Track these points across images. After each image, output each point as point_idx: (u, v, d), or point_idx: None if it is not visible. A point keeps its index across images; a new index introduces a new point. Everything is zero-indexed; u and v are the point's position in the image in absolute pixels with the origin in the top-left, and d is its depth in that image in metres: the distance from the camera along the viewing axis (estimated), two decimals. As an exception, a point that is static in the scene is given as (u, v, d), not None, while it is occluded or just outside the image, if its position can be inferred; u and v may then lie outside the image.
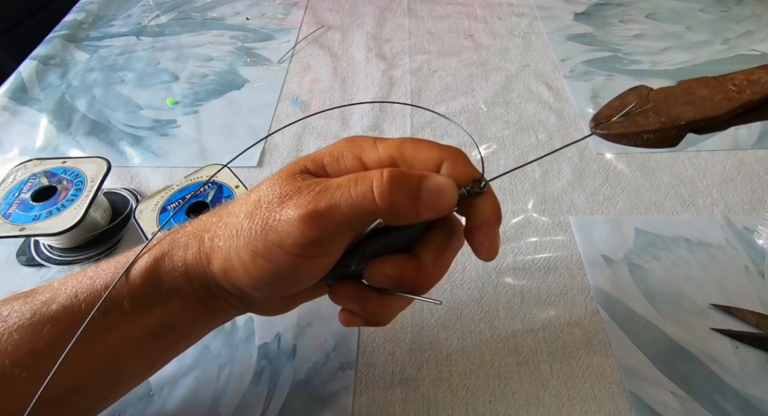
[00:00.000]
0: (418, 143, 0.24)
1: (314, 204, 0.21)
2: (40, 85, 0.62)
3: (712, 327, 0.36)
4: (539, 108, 0.55)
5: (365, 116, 0.55)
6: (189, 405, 0.34)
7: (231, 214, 0.24)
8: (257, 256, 0.22)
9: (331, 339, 0.37)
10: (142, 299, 0.24)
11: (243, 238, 0.22)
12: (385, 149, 0.24)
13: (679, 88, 0.24)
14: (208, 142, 0.53)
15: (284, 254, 0.22)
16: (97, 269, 0.25)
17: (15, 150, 0.54)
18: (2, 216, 0.40)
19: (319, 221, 0.21)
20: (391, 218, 0.22)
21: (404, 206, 0.22)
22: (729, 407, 0.33)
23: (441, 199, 0.22)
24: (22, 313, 0.23)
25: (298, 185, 0.22)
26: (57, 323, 0.23)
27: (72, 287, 0.24)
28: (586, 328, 0.37)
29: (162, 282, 0.24)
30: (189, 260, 0.24)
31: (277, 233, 0.21)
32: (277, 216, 0.22)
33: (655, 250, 0.41)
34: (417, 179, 0.22)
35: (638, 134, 0.23)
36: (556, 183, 0.47)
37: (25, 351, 0.23)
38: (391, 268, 0.24)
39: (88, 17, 0.74)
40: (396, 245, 0.25)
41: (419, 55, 0.63)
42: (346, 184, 0.22)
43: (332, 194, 0.21)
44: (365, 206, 0.21)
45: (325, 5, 0.74)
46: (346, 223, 0.22)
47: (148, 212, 0.40)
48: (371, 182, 0.21)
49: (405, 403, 0.34)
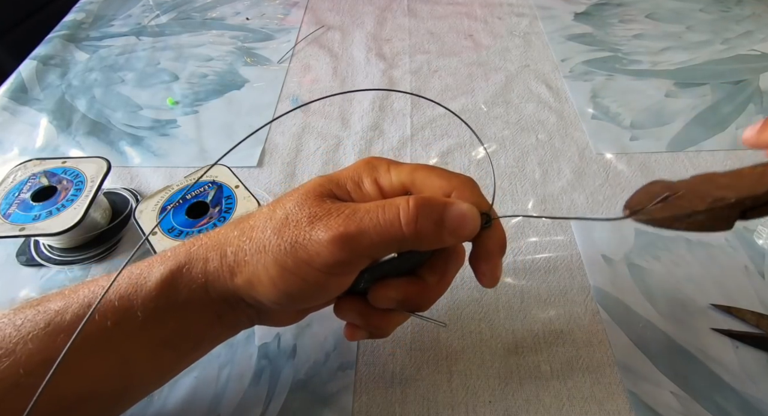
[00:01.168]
0: (430, 171, 0.25)
1: (345, 227, 0.22)
2: (40, 85, 0.62)
3: (712, 327, 0.36)
4: (539, 108, 0.55)
5: (365, 115, 0.55)
6: (189, 405, 0.34)
7: (255, 229, 0.24)
8: (286, 271, 0.23)
9: (331, 339, 0.37)
10: (157, 310, 0.24)
11: (271, 254, 0.23)
12: (397, 175, 0.25)
13: (702, 178, 0.24)
14: (208, 142, 0.53)
15: (313, 272, 0.23)
16: (109, 279, 0.25)
17: (15, 150, 0.54)
18: (2, 216, 0.40)
19: (348, 243, 0.22)
20: (415, 244, 0.23)
21: (429, 233, 0.23)
22: (729, 407, 0.33)
23: (464, 226, 0.23)
24: (35, 322, 0.24)
25: (327, 208, 0.23)
26: (70, 333, 0.23)
27: (84, 297, 0.25)
28: (586, 328, 0.37)
29: (178, 293, 0.25)
30: (210, 272, 0.25)
31: (307, 251, 0.22)
32: (307, 235, 0.23)
33: (655, 250, 0.41)
34: (441, 206, 0.23)
35: (689, 215, 0.22)
36: (556, 183, 0.47)
37: (39, 360, 0.23)
38: (395, 292, 0.25)
39: (88, 17, 0.74)
40: (403, 269, 0.26)
41: (419, 55, 0.63)
42: (374, 210, 0.23)
43: (361, 219, 0.22)
44: (393, 232, 0.22)
45: (325, 5, 0.74)
46: (372, 247, 0.23)
47: (148, 212, 0.40)
48: (398, 210, 0.22)
49: (405, 403, 0.34)
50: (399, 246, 0.23)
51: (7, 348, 0.23)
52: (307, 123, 0.55)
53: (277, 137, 0.53)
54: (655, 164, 0.48)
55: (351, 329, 0.29)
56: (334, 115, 0.56)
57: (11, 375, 0.23)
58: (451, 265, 0.26)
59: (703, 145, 0.50)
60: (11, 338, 0.23)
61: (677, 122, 0.53)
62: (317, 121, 0.55)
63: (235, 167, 0.43)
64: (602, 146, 0.50)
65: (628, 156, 0.49)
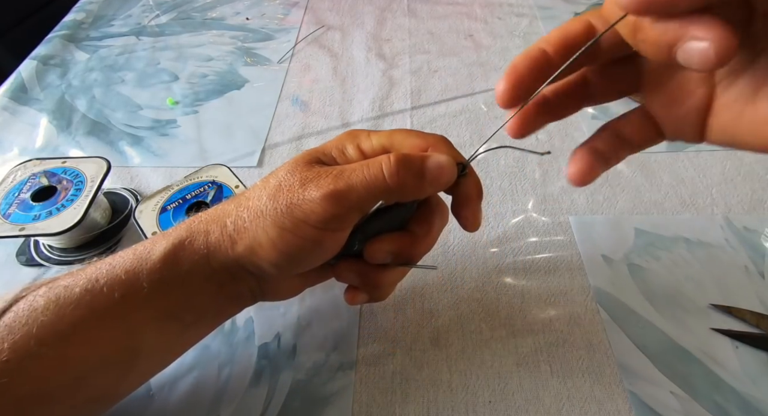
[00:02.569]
0: (406, 133, 0.28)
1: (334, 185, 0.24)
2: (40, 85, 0.62)
3: (712, 327, 0.36)
4: (539, 108, 0.55)
5: (365, 115, 0.55)
6: (189, 405, 0.34)
7: (251, 199, 0.26)
8: (285, 231, 0.25)
9: (331, 339, 0.37)
10: (161, 281, 0.26)
11: (269, 217, 0.25)
12: (377, 139, 0.28)
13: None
14: (208, 142, 0.53)
15: (309, 228, 0.25)
16: (115, 257, 0.27)
17: (15, 150, 0.54)
18: (2, 216, 0.40)
19: (338, 198, 0.24)
20: (399, 195, 0.26)
21: (410, 183, 0.25)
22: (729, 407, 0.33)
23: (442, 175, 0.26)
24: (48, 297, 0.25)
25: (317, 171, 0.26)
26: (79, 305, 0.25)
27: (92, 273, 0.26)
28: (586, 328, 0.37)
29: (181, 265, 0.26)
30: (211, 243, 0.26)
31: (302, 210, 0.25)
32: (300, 196, 0.25)
33: (655, 250, 0.41)
34: (419, 159, 0.26)
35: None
36: (556, 183, 0.47)
37: (50, 331, 0.24)
38: (389, 244, 0.28)
39: (88, 17, 0.74)
40: (392, 225, 0.28)
41: (419, 55, 0.63)
42: (359, 168, 0.25)
43: (349, 176, 0.25)
44: (377, 185, 0.25)
45: (325, 5, 0.74)
46: (361, 200, 0.25)
47: (148, 212, 0.40)
48: (381, 165, 0.25)
49: (405, 403, 0.34)
50: (384, 197, 0.25)
51: (20, 322, 0.24)
52: (307, 123, 0.55)
53: (277, 137, 0.53)
54: (654, 164, 0.48)
55: (351, 292, 0.31)
56: (334, 115, 0.56)
57: (24, 346, 0.24)
58: (436, 218, 0.29)
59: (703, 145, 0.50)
60: (24, 312, 0.25)
61: (677, 122, 0.52)
62: (317, 121, 0.55)
63: (235, 167, 0.43)
64: (602, 146, 0.50)
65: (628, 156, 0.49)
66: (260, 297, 0.30)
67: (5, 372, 0.23)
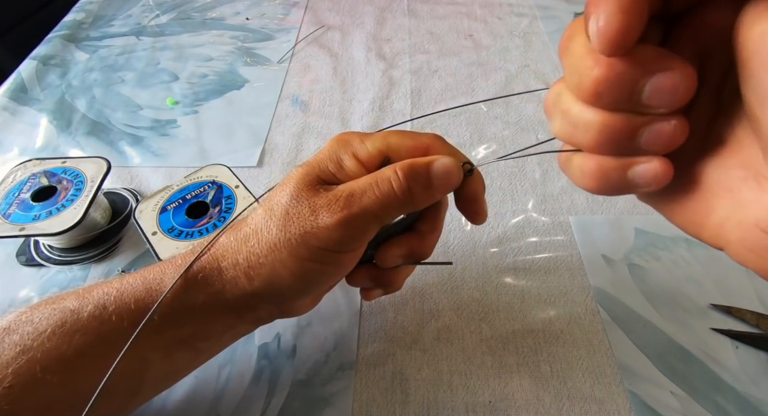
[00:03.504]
0: (400, 134, 0.27)
1: (348, 209, 0.24)
2: (40, 85, 0.62)
3: (712, 327, 0.36)
4: (539, 108, 0.55)
5: (365, 116, 0.55)
6: (189, 405, 0.34)
7: (259, 232, 0.25)
8: (303, 261, 0.24)
9: (331, 339, 0.37)
10: (173, 313, 0.25)
11: (285, 249, 0.24)
12: (372, 144, 0.26)
13: None
14: (208, 142, 0.53)
15: (328, 254, 0.25)
16: (123, 282, 0.27)
17: (15, 150, 0.54)
18: (2, 216, 0.40)
19: (354, 222, 0.24)
20: (413, 205, 0.25)
21: (421, 193, 0.25)
22: (729, 407, 0.33)
23: (450, 179, 0.25)
24: (53, 321, 0.25)
25: (324, 195, 0.25)
26: (87, 332, 0.25)
27: (99, 298, 0.26)
28: (586, 328, 0.37)
29: (194, 298, 0.26)
30: (227, 281, 0.26)
31: (318, 238, 0.24)
32: (314, 224, 0.24)
33: (655, 250, 0.41)
34: (425, 166, 0.25)
35: None
36: (556, 183, 0.47)
37: (55, 357, 0.24)
38: (399, 248, 0.28)
39: (88, 17, 0.74)
40: (400, 229, 0.28)
41: (419, 55, 0.63)
42: (369, 188, 0.24)
43: (360, 198, 0.24)
44: (390, 202, 0.24)
45: (325, 5, 0.74)
46: (377, 219, 0.25)
47: (148, 212, 0.40)
48: (390, 182, 0.24)
49: (405, 403, 0.34)
50: (399, 212, 0.25)
51: (25, 345, 0.24)
52: (307, 123, 0.55)
53: (277, 137, 0.53)
54: (655, 164, 0.48)
55: (366, 291, 0.31)
56: (334, 115, 0.56)
57: (29, 371, 0.23)
58: (440, 212, 0.29)
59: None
60: (29, 335, 0.24)
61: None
62: (317, 121, 0.55)
63: (235, 167, 0.43)
64: (602, 146, 0.50)
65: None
66: (280, 317, 0.30)
67: (7, 398, 0.23)
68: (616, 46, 0.14)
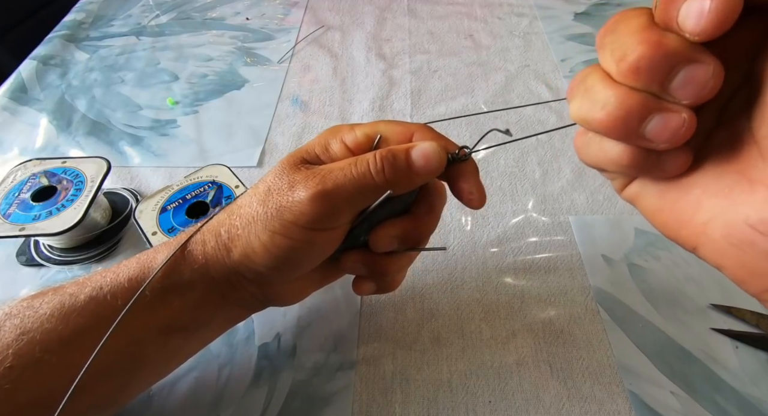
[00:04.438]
0: (389, 122, 0.28)
1: (322, 185, 0.24)
2: (40, 85, 0.62)
3: (712, 327, 0.36)
4: (539, 108, 0.55)
5: (365, 116, 0.55)
6: (189, 405, 0.34)
7: (243, 206, 0.27)
8: (276, 234, 0.25)
9: (331, 339, 0.37)
10: (163, 290, 0.26)
11: (260, 222, 0.25)
12: (361, 130, 0.27)
13: None
14: (208, 142, 0.53)
15: (299, 230, 0.25)
16: (120, 266, 0.28)
17: (15, 150, 0.54)
18: (2, 216, 0.40)
19: (326, 198, 0.24)
20: (392, 188, 0.25)
21: (399, 176, 0.25)
22: (729, 407, 0.33)
23: (429, 163, 0.25)
24: (53, 304, 0.26)
25: (304, 173, 0.25)
26: (83, 312, 0.25)
27: (96, 281, 0.27)
28: (586, 328, 0.37)
29: (182, 275, 0.27)
30: (209, 253, 0.27)
31: (291, 212, 0.24)
32: (289, 199, 0.25)
33: (655, 250, 0.41)
34: (404, 150, 0.25)
35: None
36: (556, 183, 0.47)
37: (55, 338, 0.25)
38: (393, 229, 0.27)
39: (88, 17, 0.74)
40: (396, 213, 0.28)
41: (419, 55, 0.63)
42: (346, 166, 0.25)
43: (336, 176, 0.25)
44: (365, 183, 0.25)
45: (325, 5, 0.74)
46: (351, 199, 0.25)
47: (148, 212, 0.40)
48: (367, 163, 0.25)
49: (405, 403, 0.34)
50: (375, 194, 0.25)
51: (25, 328, 0.25)
52: (307, 123, 0.55)
53: (277, 137, 0.53)
54: (655, 164, 0.48)
55: (359, 282, 0.30)
56: (334, 115, 0.56)
57: (29, 352, 0.24)
58: (436, 199, 0.29)
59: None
60: (29, 318, 0.25)
61: (677, 122, 0.52)
62: (317, 121, 0.55)
63: (235, 167, 0.43)
64: (602, 146, 0.50)
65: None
66: (266, 303, 0.30)
67: (8, 378, 0.23)
68: (720, 28, 0.15)
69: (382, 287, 0.31)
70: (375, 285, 0.30)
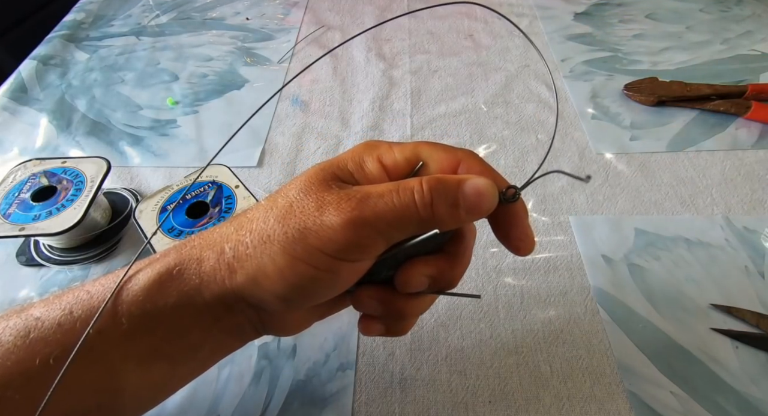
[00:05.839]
0: (433, 145, 0.24)
1: (359, 211, 0.21)
2: (40, 85, 0.62)
3: (712, 327, 0.36)
4: (539, 108, 0.55)
5: (365, 116, 0.55)
6: (189, 405, 0.34)
7: (254, 221, 0.23)
8: (296, 260, 0.22)
9: (331, 339, 0.37)
10: (143, 317, 0.23)
11: (278, 243, 0.22)
12: (401, 152, 0.24)
13: None
14: (208, 142, 0.53)
15: (325, 258, 0.21)
16: (95, 284, 0.24)
17: (15, 150, 0.54)
18: (2, 216, 0.40)
19: (362, 227, 0.21)
20: (433, 225, 0.22)
21: (446, 213, 0.22)
22: (729, 407, 0.33)
23: (482, 203, 0.22)
24: (17, 331, 0.22)
25: (336, 193, 0.22)
26: (50, 341, 0.22)
27: (67, 303, 0.23)
28: (586, 328, 0.37)
29: (167, 298, 0.23)
30: (205, 273, 0.23)
31: (318, 237, 0.21)
32: (317, 221, 0.21)
33: (655, 250, 0.41)
34: (455, 184, 0.22)
35: None
36: (556, 183, 0.47)
37: (18, 371, 0.22)
38: (426, 268, 0.24)
39: (88, 17, 0.74)
40: (428, 249, 0.24)
41: (419, 55, 0.63)
42: (387, 193, 0.22)
43: (375, 203, 0.21)
44: (408, 215, 0.21)
45: (325, 5, 0.74)
46: (389, 230, 0.22)
47: (148, 212, 0.40)
48: (413, 193, 0.21)
49: (405, 403, 0.34)
50: (417, 228, 0.22)
51: None
52: (307, 123, 0.55)
53: (277, 137, 0.53)
54: (654, 164, 0.48)
55: (367, 322, 0.27)
56: (334, 115, 0.56)
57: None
58: (472, 238, 0.26)
59: (703, 145, 0.50)
60: None
61: (677, 121, 0.53)
62: (317, 121, 0.55)
63: (235, 167, 0.43)
64: (602, 146, 0.50)
65: (628, 156, 0.49)
66: (263, 332, 0.26)
67: None
68: None
69: (392, 330, 0.27)
70: (384, 327, 0.27)
